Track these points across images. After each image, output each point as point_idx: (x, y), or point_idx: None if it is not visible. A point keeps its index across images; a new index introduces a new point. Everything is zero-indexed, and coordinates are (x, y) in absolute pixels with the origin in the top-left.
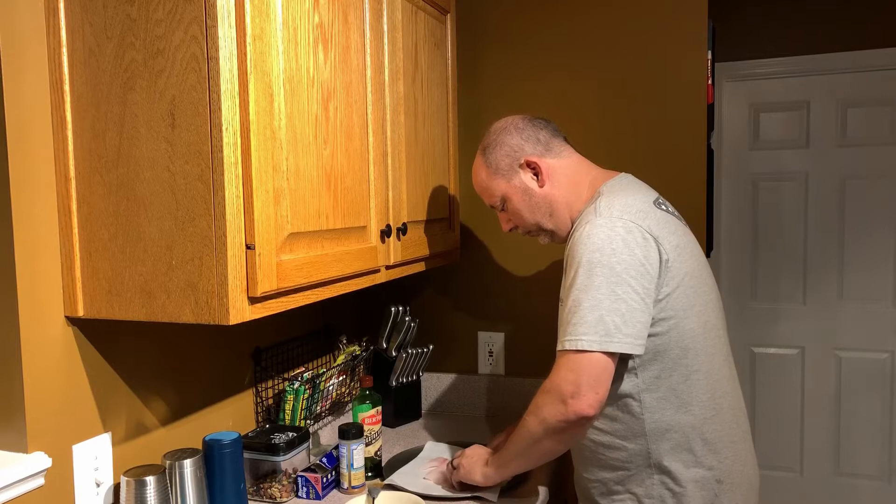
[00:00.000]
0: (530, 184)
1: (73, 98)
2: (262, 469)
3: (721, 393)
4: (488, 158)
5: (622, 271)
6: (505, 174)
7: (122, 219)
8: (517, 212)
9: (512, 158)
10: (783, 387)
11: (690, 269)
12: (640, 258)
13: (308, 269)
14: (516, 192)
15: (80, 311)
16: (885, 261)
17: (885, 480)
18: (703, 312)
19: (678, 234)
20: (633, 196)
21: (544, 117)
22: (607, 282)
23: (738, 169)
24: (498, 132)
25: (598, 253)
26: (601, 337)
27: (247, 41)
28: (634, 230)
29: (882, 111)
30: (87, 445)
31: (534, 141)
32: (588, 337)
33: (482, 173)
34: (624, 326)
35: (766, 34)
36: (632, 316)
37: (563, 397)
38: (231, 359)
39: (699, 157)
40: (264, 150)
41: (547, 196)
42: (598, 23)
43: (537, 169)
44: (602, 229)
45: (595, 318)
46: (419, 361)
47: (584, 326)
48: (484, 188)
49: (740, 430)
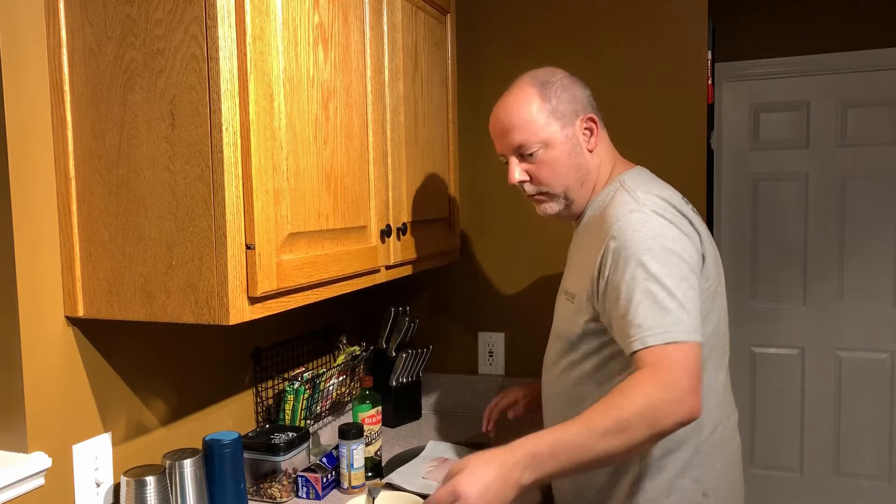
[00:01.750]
0: (581, 142)
1: (73, 98)
2: (262, 469)
3: (717, 402)
4: (548, 93)
5: (679, 261)
6: (562, 118)
7: (122, 219)
8: (553, 164)
9: (573, 107)
10: (783, 387)
11: (714, 272)
12: (690, 251)
13: (308, 269)
14: (566, 142)
15: (80, 311)
16: (885, 261)
17: (885, 480)
18: (716, 320)
19: (707, 236)
20: (668, 190)
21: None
22: (669, 272)
23: (738, 169)
24: (561, 75)
25: (661, 239)
26: (688, 327)
27: (247, 41)
28: (683, 223)
29: (882, 111)
30: (87, 445)
31: (589, 99)
32: (677, 328)
33: (534, 105)
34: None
35: (766, 34)
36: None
37: (682, 396)
38: (231, 359)
39: (699, 157)
40: (264, 150)
41: (588, 162)
42: (598, 23)
43: (594, 130)
44: (651, 217)
45: (677, 307)
46: (419, 361)
47: (671, 317)
48: (529, 123)
49: (732, 443)
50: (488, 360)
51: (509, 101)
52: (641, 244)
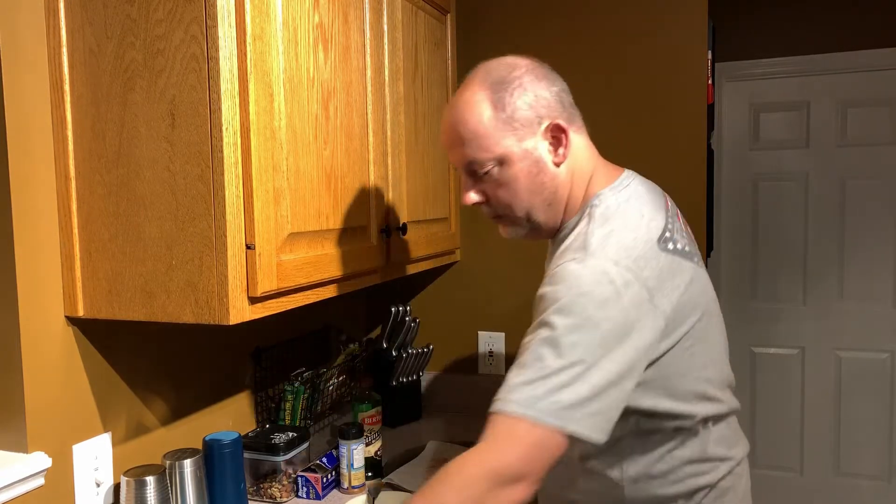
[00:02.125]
0: (546, 155)
1: (73, 98)
2: (262, 469)
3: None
4: (502, 97)
5: (607, 334)
6: (518, 130)
7: (123, 219)
8: (510, 184)
9: (535, 113)
10: (783, 387)
11: (692, 328)
12: (631, 320)
13: (308, 269)
14: (525, 158)
15: (80, 310)
16: (885, 261)
17: (885, 480)
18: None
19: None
20: (634, 233)
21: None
22: (585, 342)
23: (738, 169)
24: (522, 70)
25: (584, 300)
26: (560, 410)
27: (247, 41)
28: (632, 283)
29: (882, 111)
30: (87, 445)
31: (562, 100)
32: (543, 406)
33: (484, 114)
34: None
35: (766, 34)
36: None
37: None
38: (231, 359)
39: (699, 157)
40: (264, 150)
41: (557, 178)
42: (598, 23)
43: (562, 140)
44: (592, 274)
45: (558, 385)
46: (419, 361)
47: (544, 390)
48: (478, 137)
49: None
50: (488, 360)
51: (457, 106)
52: (564, 300)
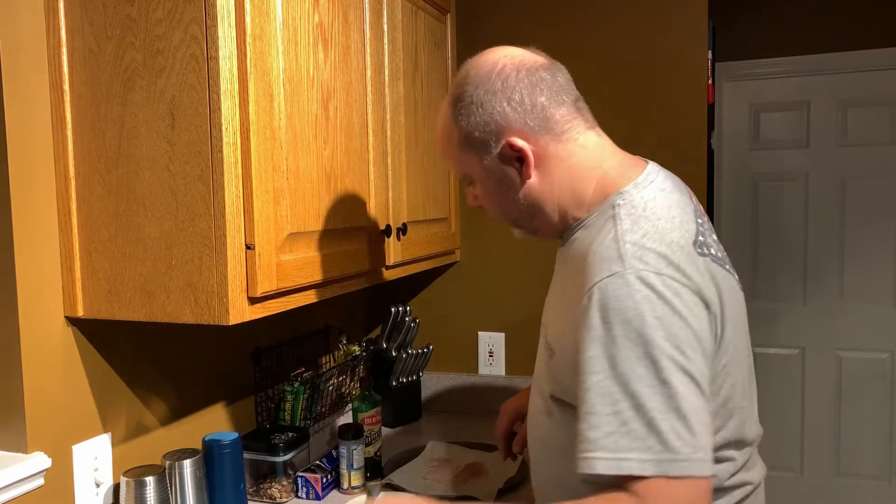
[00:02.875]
0: (509, 173)
1: (73, 98)
2: (262, 469)
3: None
4: (458, 119)
5: (673, 352)
6: (476, 150)
7: (122, 219)
8: (487, 198)
9: (489, 132)
10: (783, 387)
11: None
12: (696, 331)
13: (308, 269)
14: (489, 178)
15: (80, 311)
16: (885, 261)
17: (885, 480)
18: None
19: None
20: (669, 234)
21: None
22: (654, 366)
23: (738, 169)
24: (478, 83)
25: (638, 321)
26: (658, 455)
27: (247, 41)
28: (683, 290)
29: (882, 111)
30: (87, 445)
31: (526, 109)
32: (639, 455)
33: (448, 135)
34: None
35: (766, 34)
36: (695, 417)
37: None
38: (231, 359)
39: (699, 157)
40: (264, 150)
41: (531, 193)
42: (598, 23)
43: (523, 155)
44: (636, 286)
45: (644, 426)
46: (419, 361)
47: (630, 438)
48: (445, 150)
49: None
50: (488, 360)
51: (437, 120)
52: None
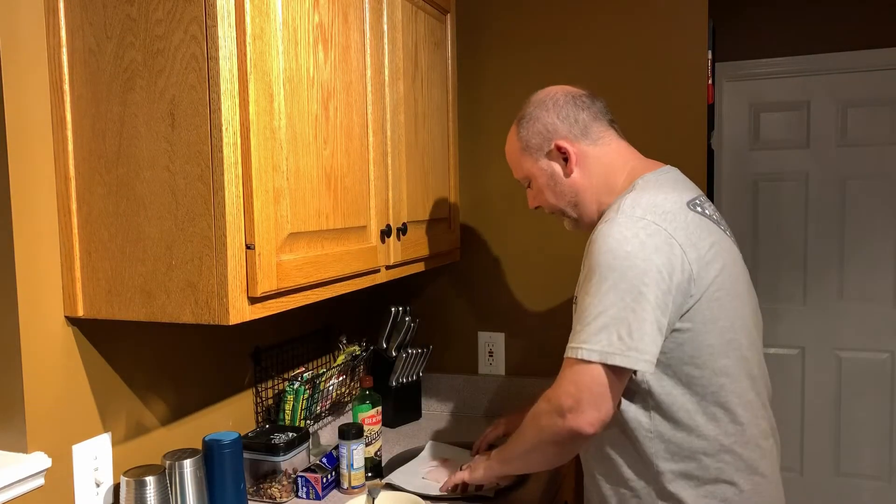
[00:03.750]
0: (557, 169)
1: (73, 98)
2: (262, 469)
3: (743, 418)
4: (521, 132)
5: (634, 277)
6: (533, 153)
7: (122, 219)
8: (541, 193)
9: (543, 138)
10: (783, 387)
11: (721, 280)
12: (657, 265)
13: (308, 269)
14: (542, 174)
15: (80, 311)
16: (885, 261)
17: (885, 480)
18: (727, 329)
19: (710, 241)
20: (665, 195)
21: (591, 93)
22: (616, 288)
23: (738, 169)
24: (535, 105)
25: (611, 255)
26: (603, 348)
27: (247, 41)
28: (656, 233)
29: (882, 111)
30: (87, 445)
31: (570, 122)
32: (589, 346)
33: (513, 146)
34: (629, 339)
35: (766, 34)
36: (640, 328)
37: (561, 410)
38: (231, 359)
39: (699, 157)
40: (264, 150)
41: (574, 185)
42: (598, 23)
43: (567, 154)
44: (619, 228)
45: (598, 327)
46: (419, 361)
47: (586, 335)
48: (511, 161)
49: (765, 461)
50: (488, 360)
51: (507, 139)
52: (596, 257)
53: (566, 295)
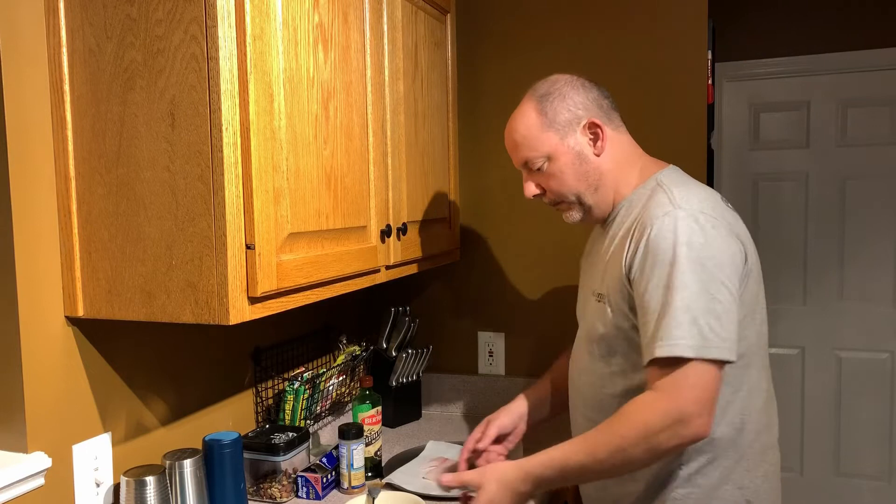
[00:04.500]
0: (586, 148)
1: (73, 98)
2: (262, 469)
3: (761, 409)
4: (545, 106)
5: (714, 267)
6: (560, 129)
7: (122, 219)
8: (560, 175)
9: (573, 114)
10: (783, 387)
11: (756, 276)
12: (730, 255)
13: (308, 269)
14: (568, 152)
15: (80, 311)
16: (885, 261)
17: (885, 480)
18: (759, 322)
19: (747, 236)
20: (705, 190)
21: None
22: (699, 279)
23: (738, 169)
24: (562, 83)
25: (686, 247)
26: (697, 342)
27: (247, 41)
28: (720, 225)
29: (882, 111)
30: (87, 445)
31: (597, 105)
32: (684, 342)
33: (531, 121)
34: (721, 330)
35: (766, 34)
36: (727, 317)
37: (686, 420)
38: (231, 359)
39: (699, 157)
40: (264, 150)
41: (599, 167)
42: (598, 23)
43: (599, 134)
44: (686, 221)
45: (689, 321)
46: (419, 361)
47: (679, 330)
48: (528, 139)
49: (773, 451)
50: (488, 360)
51: (514, 117)
52: (673, 250)
53: (566, 295)
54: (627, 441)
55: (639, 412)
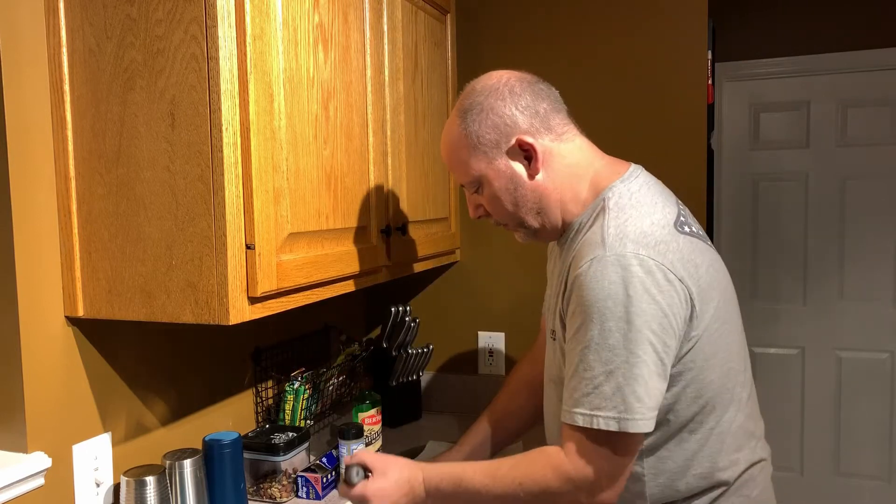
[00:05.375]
0: (519, 170)
1: (73, 98)
2: (262, 469)
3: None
4: (468, 124)
5: (642, 325)
6: (487, 152)
7: (122, 219)
8: (495, 199)
9: (500, 133)
10: (783, 387)
11: (716, 309)
12: (663, 307)
13: (308, 269)
14: (499, 176)
15: (80, 311)
16: (885, 261)
17: (885, 480)
18: (725, 360)
19: (706, 265)
20: (649, 217)
21: (545, 81)
22: (624, 339)
23: (738, 169)
24: (486, 93)
25: (612, 301)
26: (621, 414)
27: (247, 41)
28: (655, 270)
29: (882, 111)
30: (87, 445)
31: (531, 113)
32: (606, 413)
33: (456, 141)
34: (647, 398)
35: (766, 34)
36: (652, 384)
37: (592, 489)
38: (231, 359)
39: (699, 157)
40: (264, 150)
41: (538, 188)
42: (598, 23)
43: (531, 153)
44: (614, 269)
45: (612, 389)
46: (419, 361)
47: (600, 399)
48: (455, 163)
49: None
50: (488, 360)
51: (443, 135)
52: (592, 303)
53: None
54: (525, 491)
55: (545, 470)
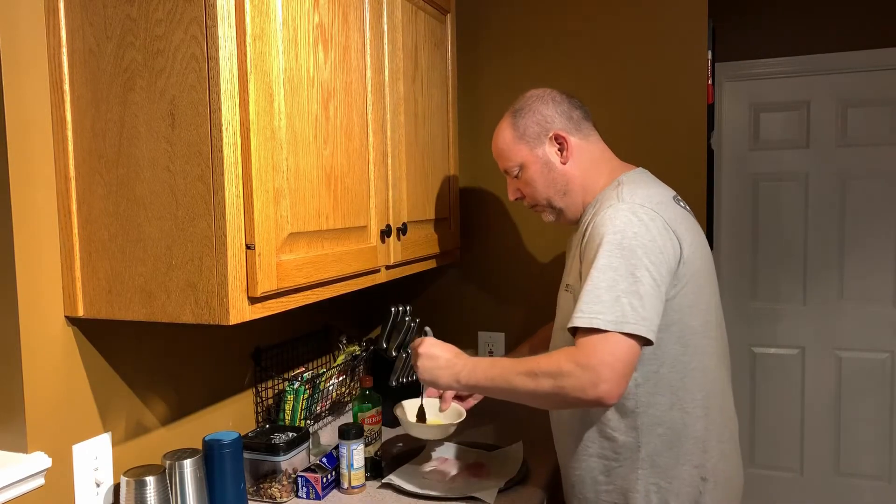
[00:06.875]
0: (553, 157)
1: (73, 98)
2: (262, 469)
3: (713, 392)
4: (517, 121)
5: (642, 254)
6: (530, 141)
7: (122, 219)
8: (531, 182)
9: (541, 127)
10: (783, 387)
11: (699, 268)
12: (659, 245)
13: (308, 269)
14: (536, 161)
15: (80, 311)
16: (885, 261)
17: (885, 480)
18: (705, 311)
19: (692, 233)
20: (655, 188)
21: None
22: (626, 263)
23: (738, 169)
24: (533, 99)
25: (620, 235)
26: (617, 317)
27: (247, 41)
28: (657, 218)
29: (882, 111)
30: (87, 445)
31: (566, 117)
32: (605, 317)
33: (507, 135)
34: (641, 309)
35: (766, 34)
36: (649, 299)
37: (593, 377)
38: (231, 359)
39: (699, 157)
40: (264, 150)
41: (566, 174)
42: (598, 23)
43: (564, 144)
44: (624, 213)
45: (612, 298)
46: None
47: (600, 305)
48: (504, 150)
49: (728, 431)
50: None
51: (495, 130)
52: (604, 236)
53: None
54: (541, 370)
55: (559, 355)
